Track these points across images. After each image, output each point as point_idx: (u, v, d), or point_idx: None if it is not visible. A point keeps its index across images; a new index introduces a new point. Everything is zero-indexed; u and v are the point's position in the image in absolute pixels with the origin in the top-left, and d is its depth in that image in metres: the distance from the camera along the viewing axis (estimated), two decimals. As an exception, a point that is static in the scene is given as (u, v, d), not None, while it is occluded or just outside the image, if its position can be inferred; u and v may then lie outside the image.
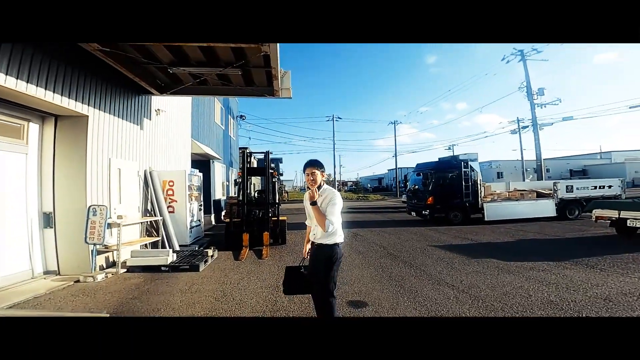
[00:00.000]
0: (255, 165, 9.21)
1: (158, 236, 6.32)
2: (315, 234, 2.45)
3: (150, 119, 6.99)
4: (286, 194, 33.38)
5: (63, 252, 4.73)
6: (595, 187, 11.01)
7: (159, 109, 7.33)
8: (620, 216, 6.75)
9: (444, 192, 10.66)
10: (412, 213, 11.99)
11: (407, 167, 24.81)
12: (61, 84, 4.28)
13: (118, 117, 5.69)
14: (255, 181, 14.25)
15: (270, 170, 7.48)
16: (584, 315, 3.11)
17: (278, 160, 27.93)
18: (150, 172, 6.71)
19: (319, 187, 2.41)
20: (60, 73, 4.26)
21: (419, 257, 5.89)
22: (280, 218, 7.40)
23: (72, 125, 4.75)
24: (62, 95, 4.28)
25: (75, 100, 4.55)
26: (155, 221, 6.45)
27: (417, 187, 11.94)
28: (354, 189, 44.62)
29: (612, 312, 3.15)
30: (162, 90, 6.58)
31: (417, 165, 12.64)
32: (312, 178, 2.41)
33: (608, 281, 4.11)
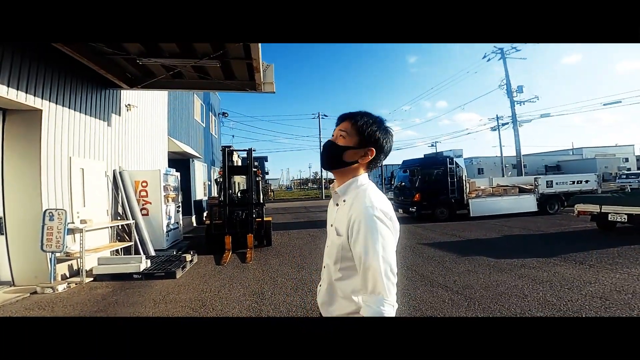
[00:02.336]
0: (239, 164, 8.79)
1: (130, 241, 5.82)
2: (321, 285, 1.11)
3: (119, 115, 6.43)
4: (272, 193, 32.93)
5: (17, 261, 4.22)
6: (574, 182, 11.35)
7: (129, 104, 6.77)
8: (602, 210, 6.89)
9: (430, 189, 10.65)
10: (400, 210, 11.94)
11: (392, 165, 24.97)
12: (8, 73, 3.72)
13: (80, 112, 5.13)
14: (240, 180, 13.80)
15: (253, 169, 7.11)
16: (584, 315, 3.01)
17: (263, 159, 27.43)
18: (120, 172, 6.17)
19: (333, 170, 1.03)
20: (6, 61, 3.70)
21: (410, 256, 5.73)
22: (265, 219, 7.06)
23: (23, 120, 4.19)
24: (8, 86, 3.72)
25: (26, 93, 4.00)
26: (127, 225, 5.94)
27: (403, 184, 11.90)
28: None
29: (611, 311, 3.06)
30: (132, 84, 6.05)
31: (404, 162, 12.60)
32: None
33: (600, 278, 4.08)
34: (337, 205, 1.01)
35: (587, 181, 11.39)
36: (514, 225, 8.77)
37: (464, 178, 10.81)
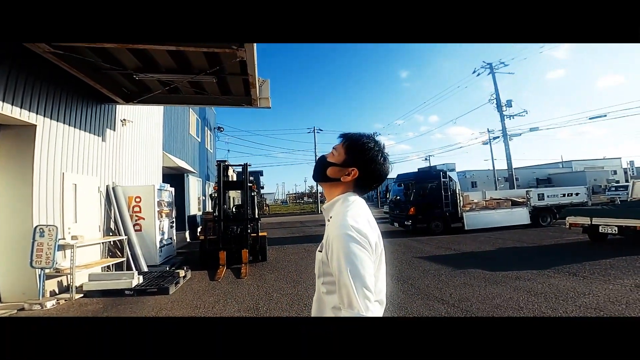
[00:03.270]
0: (234, 179, 8.77)
1: (122, 257, 5.70)
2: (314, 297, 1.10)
3: (114, 130, 6.45)
4: (267, 208, 32.69)
5: (5, 276, 4.13)
6: (564, 195, 11.56)
7: (125, 119, 6.81)
8: (593, 223, 7.01)
9: (425, 202, 10.73)
10: (395, 224, 11.94)
11: (388, 178, 25.15)
12: (3, 88, 3.76)
13: (75, 127, 5.14)
14: (235, 195, 13.71)
15: (249, 184, 7.11)
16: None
17: (258, 173, 27.41)
18: (113, 188, 6.12)
19: (320, 182, 1.10)
20: (1, 76, 3.74)
21: (406, 269, 5.70)
22: (260, 234, 7.00)
23: (16, 135, 4.19)
24: (4, 101, 3.75)
25: (21, 108, 4.02)
26: (120, 241, 5.83)
27: (398, 197, 11.97)
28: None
29: (606, 322, 3.08)
30: (128, 99, 6.12)
31: (398, 175, 12.74)
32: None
33: (593, 289, 4.10)
34: (328, 221, 1.03)
35: (577, 194, 11.60)
36: (508, 238, 8.83)
37: (457, 191, 10.94)
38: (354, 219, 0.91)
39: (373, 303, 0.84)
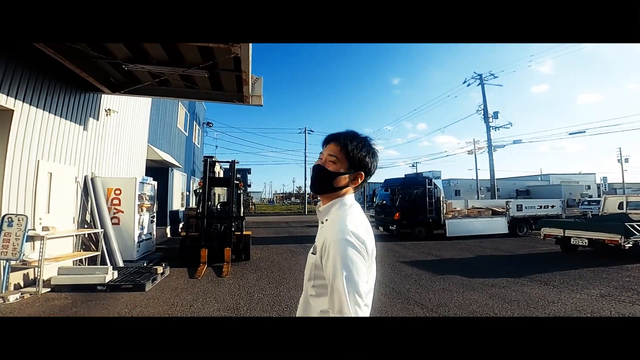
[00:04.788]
0: (221, 175, 8.64)
1: (97, 251, 5.50)
2: (301, 299, 1.07)
3: (97, 120, 6.23)
4: (253, 207, 32.33)
5: (-34, 269, 3.87)
6: (541, 207, 12.07)
7: (109, 109, 6.59)
8: (565, 234, 7.35)
9: (409, 208, 10.93)
10: (380, 228, 12.09)
11: (375, 183, 25.45)
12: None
13: (56, 115, 4.94)
14: (221, 192, 13.46)
15: (236, 181, 7.03)
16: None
17: (246, 171, 27.03)
18: (92, 179, 5.90)
19: (322, 194, 1.04)
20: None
21: (389, 273, 5.78)
22: (244, 233, 6.92)
23: (-9, 119, 3.99)
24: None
25: (-1, 91, 3.84)
26: (95, 234, 5.63)
27: (384, 202, 12.14)
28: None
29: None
30: (115, 89, 5.93)
31: (385, 180, 12.91)
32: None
33: (562, 297, 4.31)
34: (322, 223, 1.01)
35: (552, 206, 12.14)
36: (487, 246, 9.12)
37: (441, 199, 11.20)
38: (353, 224, 0.90)
39: (362, 308, 0.85)
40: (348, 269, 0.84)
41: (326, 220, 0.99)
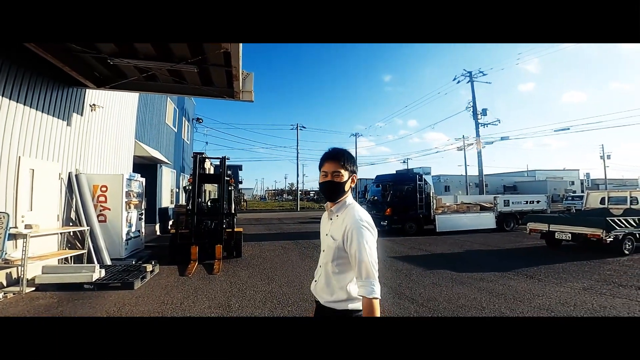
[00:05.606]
0: (211, 172, 8.52)
1: (83, 249, 5.36)
2: (317, 281, 1.38)
3: (82, 115, 6.04)
4: (245, 203, 32.11)
5: (-55, 270, 3.72)
6: (527, 202, 12.39)
7: (94, 104, 6.39)
8: (550, 229, 7.58)
9: (400, 204, 11.05)
10: (371, 224, 12.18)
11: (366, 178, 25.57)
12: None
13: (37, 110, 4.76)
14: (212, 189, 13.28)
15: (226, 178, 6.95)
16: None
17: (237, 168, 26.75)
18: (76, 175, 5.73)
19: (337, 200, 1.34)
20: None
21: (380, 268, 5.74)
22: (236, 229, 6.87)
23: (-33, 113, 3.81)
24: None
25: (-26, 84, 3.66)
26: (81, 232, 5.48)
27: (376, 198, 12.24)
28: (316, 199, 45.00)
29: (555, 322, 3.35)
30: (100, 84, 5.74)
31: (377, 176, 13.00)
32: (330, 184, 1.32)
33: (546, 291, 4.45)
34: (331, 219, 1.34)
35: (538, 201, 12.48)
36: (475, 241, 9.33)
37: (431, 195, 11.37)
38: (364, 214, 1.27)
39: (377, 272, 1.21)
40: (368, 245, 1.19)
41: (337, 216, 1.32)
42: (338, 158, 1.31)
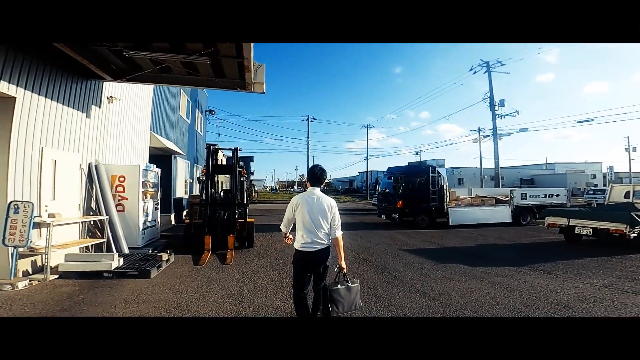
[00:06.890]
0: (224, 163, 8.63)
1: (102, 238, 5.58)
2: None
3: (100, 107, 6.19)
4: (256, 194, 32.51)
5: (-25, 255, 3.95)
6: (545, 196, 11.96)
7: (112, 97, 6.53)
8: (570, 224, 7.31)
9: (412, 196, 10.89)
10: (382, 216, 12.12)
11: (377, 171, 25.33)
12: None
13: (58, 102, 4.90)
14: (224, 180, 13.51)
15: (238, 169, 7.02)
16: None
17: (249, 159, 27.03)
18: (96, 166, 5.92)
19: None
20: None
21: (390, 261, 5.83)
22: (247, 220, 6.97)
23: (-6, 106, 3.96)
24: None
25: (1, 79, 3.79)
26: (100, 221, 5.70)
27: (387, 190, 12.11)
28: (325, 190, 45.13)
29: (574, 319, 3.26)
30: (117, 76, 5.85)
31: (389, 168, 12.83)
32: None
33: (564, 287, 4.32)
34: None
35: (557, 195, 12.03)
36: (490, 235, 9.13)
37: (445, 187, 11.13)
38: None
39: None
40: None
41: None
42: (324, 177, 2.77)
